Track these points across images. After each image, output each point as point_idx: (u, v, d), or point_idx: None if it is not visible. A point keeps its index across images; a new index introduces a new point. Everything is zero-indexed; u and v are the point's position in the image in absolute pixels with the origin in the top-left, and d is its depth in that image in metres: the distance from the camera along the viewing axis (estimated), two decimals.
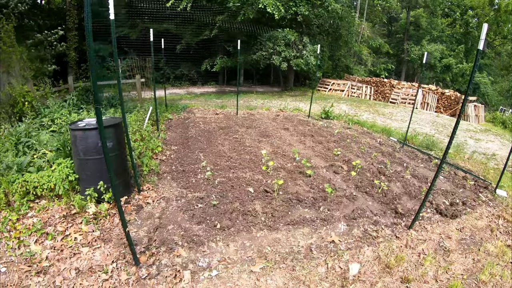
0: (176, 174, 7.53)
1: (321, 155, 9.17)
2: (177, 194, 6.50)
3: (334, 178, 7.59)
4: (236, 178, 7.24)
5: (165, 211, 5.80)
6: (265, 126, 12.33)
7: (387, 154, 9.87)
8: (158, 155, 8.79)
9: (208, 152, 9.04)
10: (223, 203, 6.09)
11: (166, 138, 10.48)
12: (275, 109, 16.72)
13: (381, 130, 13.17)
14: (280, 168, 7.92)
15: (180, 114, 14.49)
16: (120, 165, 5.95)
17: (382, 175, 8.02)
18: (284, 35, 21.96)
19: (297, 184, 7.04)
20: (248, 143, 9.97)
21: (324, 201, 6.34)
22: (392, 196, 6.83)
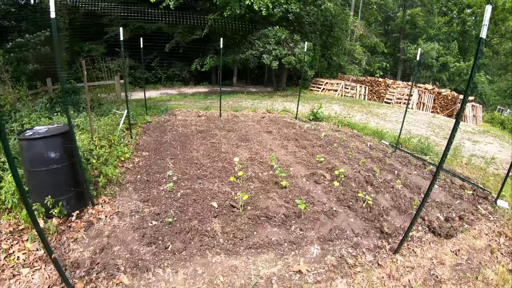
0: (139, 185, 6.80)
1: (303, 162, 8.31)
2: (133, 208, 5.79)
3: (314, 189, 6.74)
4: (201, 189, 6.45)
5: (115, 229, 5.14)
6: (247, 129, 11.50)
7: (377, 160, 9.02)
8: (125, 162, 8.03)
9: (180, 159, 8.27)
10: (181, 220, 5.34)
11: (139, 143, 9.71)
12: (262, 110, 15.87)
13: (373, 132, 12.31)
14: (253, 178, 7.07)
15: (160, 116, 13.67)
16: (71, 177, 5.35)
17: (369, 185, 7.17)
18: (275, 33, 21.34)
19: (269, 198, 6.19)
20: (225, 148, 9.15)
21: (298, 218, 5.48)
22: (378, 211, 5.97)
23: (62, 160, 5.11)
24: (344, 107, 19.53)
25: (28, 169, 5.05)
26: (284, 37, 21.55)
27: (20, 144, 5.03)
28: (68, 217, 5.23)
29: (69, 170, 5.30)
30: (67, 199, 5.24)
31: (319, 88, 27.28)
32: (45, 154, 4.95)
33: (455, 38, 41.01)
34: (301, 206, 5.44)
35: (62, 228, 5.01)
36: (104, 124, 9.78)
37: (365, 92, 25.78)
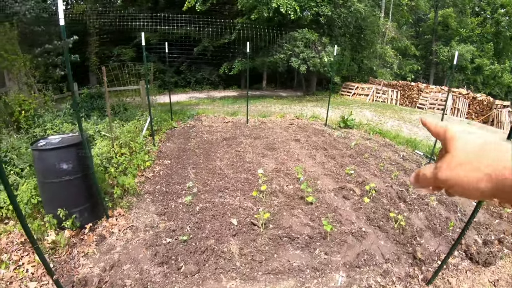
0: (158, 196, 6.53)
1: (332, 174, 7.82)
2: (148, 222, 5.51)
3: (342, 206, 6.27)
4: (221, 204, 6.09)
5: (128, 245, 4.88)
6: (274, 136, 11.06)
7: (411, 172, 8.37)
8: (146, 171, 7.77)
9: (202, 169, 7.94)
10: (197, 238, 5.01)
11: (162, 151, 9.47)
12: (291, 116, 15.40)
13: (406, 141, 11.68)
14: (277, 192, 6.65)
15: (186, 122, 13.41)
16: (84, 188, 5.17)
17: (401, 201, 6.65)
18: (303, 35, 20.93)
19: (294, 215, 5.76)
20: (249, 158, 8.76)
21: (323, 240, 5.04)
22: (411, 233, 5.46)
23: (75, 172, 4.91)
24: (375, 112, 18.90)
25: (40, 180, 4.90)
26: (313, 40, 21.11)
27: (33, 155, 4.88)
28: (81, 230, 5.09)
29: (83, 181, 5.10)
30: (80, 211, 5.07)
31: (350, 93, 26.65)
32: (57, 165, 4.76)
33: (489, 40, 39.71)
34: (327, 227, 4.96)
35: (74, 241, 4.83)
36: (127, 130, 9.52)
37: (397, 97, 25.00)
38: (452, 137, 0.62)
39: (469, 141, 0.59)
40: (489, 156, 0.55)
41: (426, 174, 0.65)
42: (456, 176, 0.58)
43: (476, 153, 0.57)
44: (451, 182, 0.59)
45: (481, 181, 0.54)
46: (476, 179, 0.55)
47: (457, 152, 0.59)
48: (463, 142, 0.59)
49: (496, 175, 0.52)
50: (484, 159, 0.55)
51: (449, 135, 0.63)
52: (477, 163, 0.55)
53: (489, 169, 0.53)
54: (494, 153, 0.55)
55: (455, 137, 0.61)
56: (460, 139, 0.60)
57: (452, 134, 0.62)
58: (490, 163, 0.54)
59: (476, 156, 0.56)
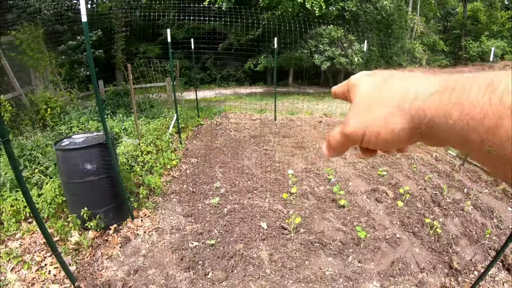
0: (184, 196, 6.42)
1: (363, 175, 7.60)
2: (174, 224, 5.40)
3: (375, 210, 6.06)
4: (250, 206, 5.95)
5: (153, 248, 4.77)
6: (303, 135, 10.87)
7: (444, 174, 8.13)
8: (172, 170, 7.64)
9: (230, 168, 7.83)
10: (225, 242, 4.88)
11: (188, 149, 9.38)
12: (319, 113, 15.19)
13: None
14: (308, 194, 6.47)
15: (213, 119, 13.33)
16: (109, 189, 5.03)
17: (436, 205, 6.39)
18: (329, 32, 20.66)
19: (325, 219, 5.58)
20: (278, 157, 8.60)
21: (356, 246, 4.85)
22: (447, 241, 5.21)
23: (99, 172, 4.81)
24: None
25: (64, 180, 4.85)
26: (338, 37, 20.83)
27: (57, 155, 4.82)
28: (106, 231, 5.02)
29: (107, 182, 4.98)
30: (104, 211, 4.98)
31: None
32: (81, 166, 4.66)
33: None
34: (361, 234, 4.75)
35: (98, 242, 4.76)
36: (153, 128, 9.57)
37: None
38: (353, 85, 0.56)
39: (371, 81, 0.53)
40: (394, 87, 0.49)
41: (335, 136, 0.56)
42: (364, 123, 0.50)
43: (380, 90, 0.50)
44: (361, 132, 0.50)
45: (392, 117, 0.47)
46: (386, 118, 0.47)
47: (360, 97, 0.53)
48: (364, 84, 0.53)
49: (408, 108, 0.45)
50: (389, 91, 0.49)
51: (351, 84, 0.57)
52: (382, 99, 0.49)
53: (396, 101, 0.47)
54: (400, 81, 0.49)
55: (356, 84, 0.56)
56: (362, 83, 0.54)
57: (353, 82, 0.57)
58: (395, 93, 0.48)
59: (381, 92, 0.50)
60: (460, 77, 0.43)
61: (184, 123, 11.49)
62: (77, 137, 5.13)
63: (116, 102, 12.63)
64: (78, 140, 4.92)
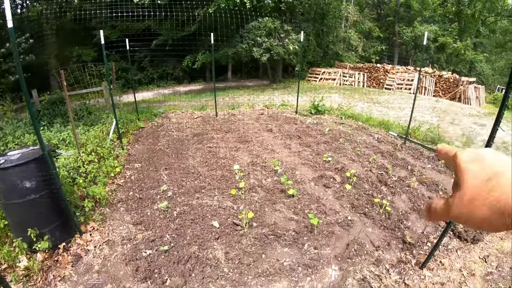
0: (132, 204, 6.12)
1: (309, 163, 7.63)
2: (125, 234, 5.12)
3: (325, 195, 6.08)
4: (199, 206, 5.79)
5: (106, 262, 4.49)
6: (246, 128, 10.83)
7: (388, 154, 8.36)
8: (116, 177, 7.35)
9: (175, 169, 7.60)
10: (179, 246, 4.69)
11: (131, 154, 9.03)
12: (260, 105, 15.19)
13: (379, 123, 11.63)
14: (256, 187, 6.40)
15: (154, 120, 12.95)
16: (52, 206, 4.70)
17: (383, 185, 6.53)
18: (265, 24, 20.80)
19: (277, 210, 5.53)
20: (223, 153, 8.48)
21: (310, 233, 4.84)
22: (397, 217, 5.35)
23: (39, 189, 4.48)
24: (344, 96, 18.95)
25: (3, 202, 4.48)
26: (275, 27, 20.99)
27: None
28: (55, 250, 4.63)
29: (50, 198, 4.64)
30: (50, 230, 4.61)
31: (317, 78, 26.59)
32: (19, 185, 4.32)
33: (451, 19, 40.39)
34: (313, 221, 4.74)
35: (49, 264, 4.41)
36: (93, 136, 9.16)
37: (364, 79, 25.08)
38: (462, 170, 0.60)
39: (477, 174, 0.57)
40: (497, 191, 0.53)
41: (437, 210, 0.64)
42: (467, 212, 0.57)
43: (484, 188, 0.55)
44: (463, 218, 0.58)
45: (493, 215, 0.53)
46: (488, 214, 0.54)
47: (467, 188, 0.57)
48: (471, 176, 0.57)
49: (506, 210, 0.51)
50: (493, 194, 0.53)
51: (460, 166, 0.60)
52: (486, 199, 0.54)
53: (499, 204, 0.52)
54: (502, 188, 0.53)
55: (464, 170, 0.59)
56: (469, 172, 0.58)
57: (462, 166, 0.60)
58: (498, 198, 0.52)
59: (485, 192, 0.54)
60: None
61: (125, 128, 11.09)
62: (13, 154, 4.70)
63: (52, 111, 12.02)
64: (14, 157, 4.53)
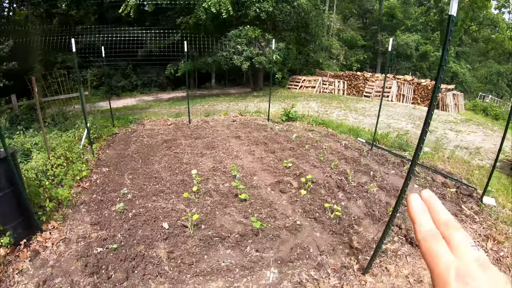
0: (93, 205, 6.28)
1: (269, 169, 7.74)
2: (81, 233, 5.29)
3: (279, 200, 6.19)
4: (154, 208, 5.92)
5: (60, 258, 4.71)
6: (215, 135, 10.93)
7: (352, 160, 8.50)
8: (82, 181, 7.45)
9: (139, 174, 7.72)
10: (128, 245, 4.85)
11: (101, 159, 9.12)
12: (235, 113, 15.28)
13: (348, 130, 11.80)
14: (212, 191, 6.52)
15: (128, 127, 13.02)
16: (16, 204, 4.98)
17: (340, 190, 6.64)
18: (246, 32, 20.97)
19: (227, 213, 5.64)
20: (187, 158, 8.58)
21: (256, 236, 4.94)
22: (348, 222, 5.44)
23: (2, 188, 4.72)
24: (321, 103, 19.10)
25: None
26: (255, 37, 21.17)
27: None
28: (17, 246, 4.87)
29: (13, 197, 4.90)
30: (13, 227, 4.85)
31: (297, 86, 26.85)
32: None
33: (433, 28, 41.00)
34: (256, 224, 4.84)
35: (9, 259, 4.64)
36: (64, 141, 9.36)
37: (344, 87, 25.31)
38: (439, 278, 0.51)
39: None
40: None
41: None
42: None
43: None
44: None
45: None
46: None
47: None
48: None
49: None
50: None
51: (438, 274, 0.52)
52: None
53: None
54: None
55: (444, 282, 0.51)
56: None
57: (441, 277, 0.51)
58: None
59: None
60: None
61: (97, 133, 11.20)
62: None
63: (30, 116, 12.27)
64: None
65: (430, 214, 0.61)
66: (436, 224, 0.59)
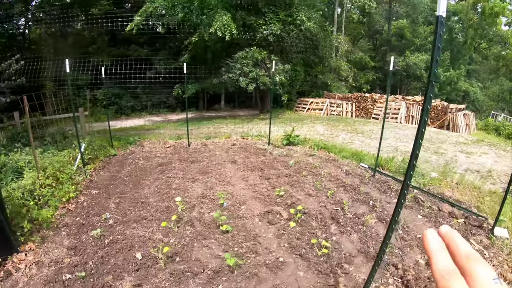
0: (74, 229, 6.15)
1: (261, 197, 7.35)
2: (55, 257, 5.18)
3: (264, 233, 5.78)
4: (131, 236, 5.68)
5: (30, 281, 4.65)
6: (212, 159, 10.67)
7: (351, 188, 7.95)
8: (68, 203, 7.34)
9: (127, 198, 7.51)
10: (97, 274, 4.68)
11: (93, 180, 8.99)
12: (237, 136, 15.05)
13: (351, 154, 11.37)
14: (194, 220, 6.18)
15: (127, 148, 12.90)
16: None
17: (334, 222, 6.17)
18: (252, 54, 20.98)
19: (205, 246, 5.28)
20: (177, 184, 8.31)
21: (231, 274, 4.54)
22: (338, 260, 4.92)
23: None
24: (328, 126, 18.81)
25: None
26: (261, 58, 21.12)
27: None
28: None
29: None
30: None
31: (304, 108, 26.77)
32: None
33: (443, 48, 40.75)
34: (229, 261, 4.45)
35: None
36: (57, 160, 9.29)
37: (352, 109, 25.05)
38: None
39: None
40: None
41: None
42: None
43: None
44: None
45: None
46: None
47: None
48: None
49: None
50: None
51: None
52: None
53: None
54: None
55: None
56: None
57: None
58: None
59: None
60: None
61: (93, 154, 11.06)
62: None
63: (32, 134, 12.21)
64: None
65: (449, 249, 0.58)
66: (456, 258, 0.56)
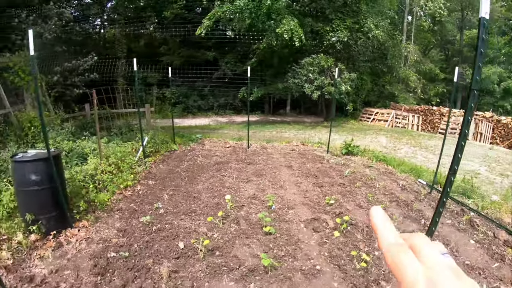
0: (127, 214, 6.71)
1: (310, 203, 7.30)
2: (104, 236, 5.74)
3: (307, 239, 5.72)
4: (178, 227, 6.02)
5: (78, 254, 5.18)
6: (269, 162, 10.79)
7: (404, 204, 7.61)
8: (126, 189, 7.95)
9: (180, 191, 7.91)
10: (140, 256, 5.05)
11: (151, 172, 9.56)
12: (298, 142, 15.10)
13: (410, 169, 10.93)
14: (241, 219, 6.33)
15: (188, 145, 13.47)
16: (52, 199, 5.71)
17: None
18: (318, 61, 20.90)
19: (246, 245, 5.37)
20: (231, 183, 8.54)
21: (265, 274, 4.57)
22: (376, 276, 4.67)
23: (42, 183, 5.47)
24: (391, 138, 18.43)
25: (16, 188, 5.69)
26: (328, 66, 20.94)
27: (11, 166, 5.67)
28: (46, 236, 5.52)
29: (50, 192, 5.61)
30: (46, 218, 5.55)
31: (369, 119, 26.32)
32: (27, 176, 5.40)
33: None
34: (265, 261, 4.48)
35: (37, 245, 5.29)
36: (119, 150, 10.02)
37: (418, 122, 24.25)
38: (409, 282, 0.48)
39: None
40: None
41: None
42: None
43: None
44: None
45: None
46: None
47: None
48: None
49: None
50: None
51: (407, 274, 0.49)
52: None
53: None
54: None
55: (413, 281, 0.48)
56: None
57: (410, 279, 0.48)
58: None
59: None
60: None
61: (155, 148, 11.64)
62: (31, 152, 5.91)
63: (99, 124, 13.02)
64: (29, 155, 5.71)
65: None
66: (404, 237, 0.55)
